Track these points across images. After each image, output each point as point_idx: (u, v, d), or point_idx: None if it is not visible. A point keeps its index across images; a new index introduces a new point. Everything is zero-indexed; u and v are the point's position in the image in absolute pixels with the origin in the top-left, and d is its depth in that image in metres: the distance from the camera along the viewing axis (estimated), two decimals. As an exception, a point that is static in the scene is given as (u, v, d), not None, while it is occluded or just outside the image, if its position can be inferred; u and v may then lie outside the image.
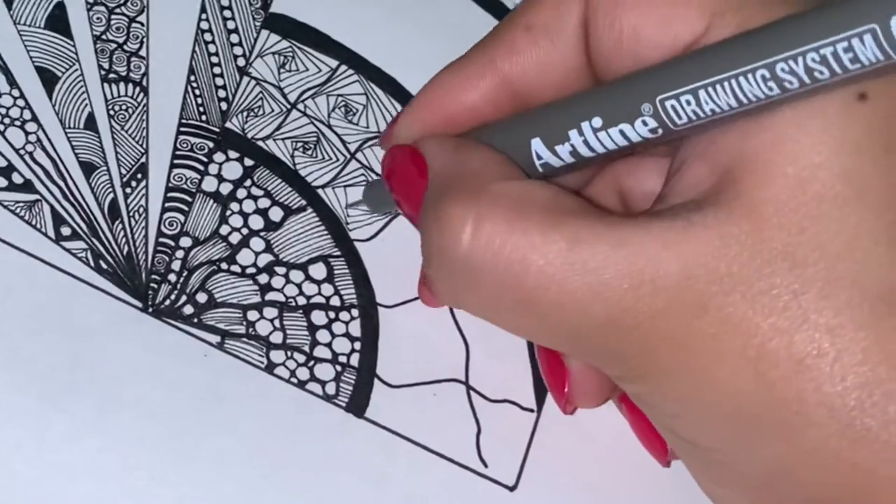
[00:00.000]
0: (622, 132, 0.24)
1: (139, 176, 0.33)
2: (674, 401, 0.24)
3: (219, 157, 0.33)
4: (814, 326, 0.22)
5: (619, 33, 0.25)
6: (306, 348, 0.32)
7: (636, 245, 0.23)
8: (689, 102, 0.23)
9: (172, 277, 0.32)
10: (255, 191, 0.33)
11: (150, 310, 0.31)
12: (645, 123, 0.24)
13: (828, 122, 0.22)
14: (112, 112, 0.33)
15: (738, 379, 0.22)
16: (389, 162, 0.29)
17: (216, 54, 0.34)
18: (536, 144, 0.26)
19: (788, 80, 0.21)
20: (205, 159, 0.33)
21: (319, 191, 0.34)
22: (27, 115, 0.32)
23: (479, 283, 0.24)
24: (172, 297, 0.32)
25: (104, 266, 0.31)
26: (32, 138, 0.32)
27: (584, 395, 0.29)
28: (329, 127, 0.34)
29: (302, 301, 0.32)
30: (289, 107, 0.34)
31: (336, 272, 0.33)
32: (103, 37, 0.34)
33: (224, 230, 0.33)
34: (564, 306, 0.23)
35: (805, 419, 0.22)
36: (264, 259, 0.33)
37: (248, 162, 0.33)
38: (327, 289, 0.33)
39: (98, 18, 0.34)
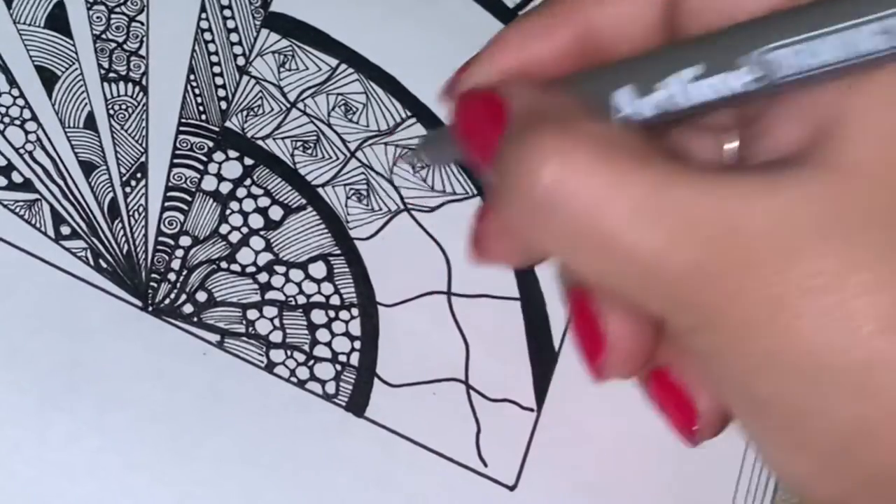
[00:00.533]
0: (724, 81, 0.23)
1: (139, 175, 0.33)
2: (755, 355, 0.23)
3: (218, 156, 0.33)
4: None
5: None
6: (306, 347, 0.32)
7: (722, 195, 0.22)
8: (798, 53, 0.22)
9: (172, 276, 0.32)
10: (255, 190, 0.33)
11: (150, 309, 0.31)
12: (750, 72, 0.23)
13: None
14: (112, 111, 0.33)
15: (828, 332, 0.22)
16: (464, 104, 0.28)
17: (216, 53, 0.34)
18: (622, 94, 0.25)
19: None
20: (204, 158, 0.33)
21: (319, 189, 0.34)
22: (27, 114, 0.32)
23: (560, 218, 0.23)
24: (172, 295, 0.32)
25: (104, 265, 0.31)
26: (32, 137, 0.32)
27: (617, 365, 0.29)
28: (329, 126, 0.34)
29: (302, 300, 0.32)
30: (288, 106, 0.34)
31: (336, 271, 0.33)
32: (103, 36, 0.34)
33: (224, 229, 0.33)
34: (650, 247, 0.22)
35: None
36: (264, 258, 0.33)
37: (248, 161, 0.33)
38: (327, 287, 0.33)
39: (98, 18, 0.34)
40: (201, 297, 0.32)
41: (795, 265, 0.22)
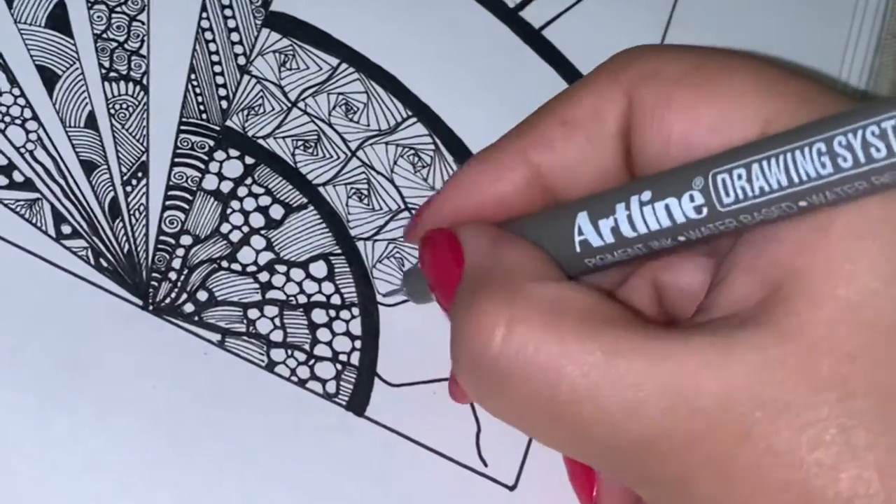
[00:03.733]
0: (667, 207, 0.23)
1: (140, 174, 0.33)
2: None
3: (219, 155, 0.33)
4: (863, 464, 0.20)
5: (668, 137, 0.24)
6: (307, 347, 0.32)
7: (676, 361, 0.21)
8: (739, 177, 0.22)
9: (173, 275, 0.32)
10: (256, 189, 0.33)
11: (151, 308, 0.31)
12: (692, 199, 0.23)
13: (885, 245, 0.21)
14: (112, 111, 0.33)
15: None
16: (426, 246, 0.28)
17: (217, 53, 0.34)
18: (581, 218, 0.25)
19: (843, 155, 0.20)
20: (205, 157, 0.33)
21: (320, 189, 0.34)
22: (28, 113, 0.32)
23: (509, 388, 0.23)
24: (173, 295, 0.32)
25: (105, 264, 0.31)
26: (33, 137, 0.32)
27: (612, 501, 0.28)
28: (330, 125, 0.34)
29: (302, 299, 0.32)
30: (289, 105, 0.34)
31: (337, 270, 0.33)
32: (104, 35, 0.34)
33: (225, 228, 0.33)
34: (599, 422, 0.22)
35: None
36: (265, 257, 0.33)
37: (249, 160, 0.33)
38: (328, 287, 0.33)
39: (99, 17, 0.34)
40: (202, 296, 0.32)
41: (747, 441, 0.21)
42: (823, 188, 0.21)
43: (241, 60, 0.34)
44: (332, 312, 0.33)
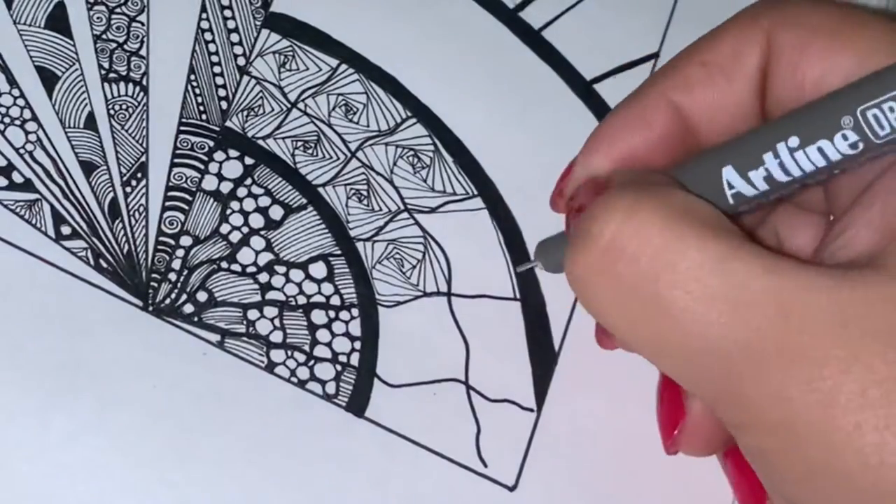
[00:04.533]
0: (821, 150, 0.23)
1: (139, 175, 0.33)
2: (803, 462, 0.21)
3: (219, 155, 0.33)
4: None
5: (802, 83, 0.25)
6: (306, 347, 0.32)
7: (791, 277, 0.21)
8: (892, 109, 0.22)
9: (172, 276, 0.32)
10: (256, 189, 0.33)
11: (151, 308, 0.31)
12: (845, 138, 0.23)
13: None
14: (112, 111, 0.33)
15: (884, 447, 0.20)
16: (576, 196, 0.28)
17: (216, 53, 0.34)
18: (728, 173, 0.25)
19: None
20: (205, 158, 0.33)
21: (320, 189, 0.34)
22: (27, 114, 0.32)
23: (618, 271, 0.23)
24: (172, 295, 0.32)
25: (104, 265, 0.31)
26: (32, 137, 0.32)
27: (693, 442, 0.27)
28: (329, 126, 0.34)
29: (302, 300, 0.32)
30: (289, 106, 0.34)
31: (336, 271, 0.33)
32: (103, 36, 0.34)
33: (224, 229, 0.33)
34: (702, 314, 0.22)
35: None
36: (264, 258, 0.33)
37: (249, 160, 0.33)
38: (327, 288, 0.33)
39: (98, 18, 0.34)
40: (202, 297, 0.32)
41: (854, 367, 0.20)
42: None
43: (241, 61, 0.34)
44: (332, 313, 0.32)
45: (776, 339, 0.21)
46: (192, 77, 0.34)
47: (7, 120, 0.32)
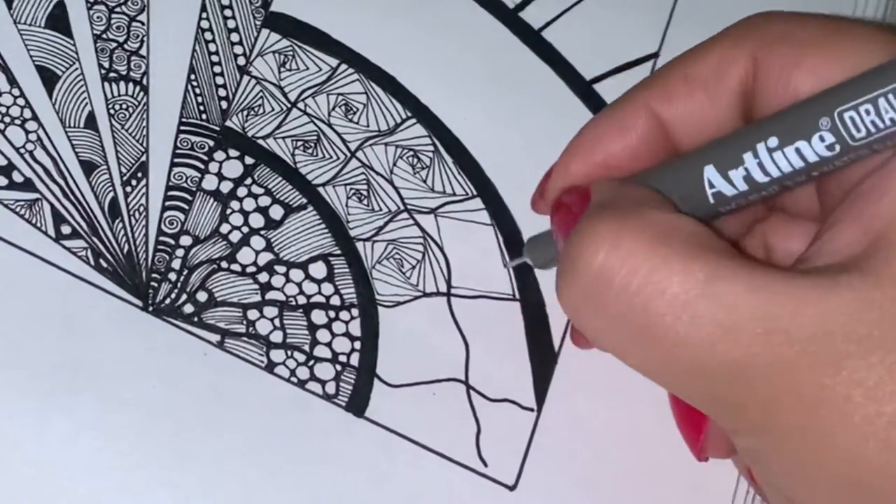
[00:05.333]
0: (798, 150, 0.24)
1: (139, 175, 0.33)
2: (791, 462, 0.23)
3: (219, 155, 0.33)
4: None
5: (795, 95, 0.25)
6: (306, 347, 0.32)
7: (775, 292, 0.22)
8: (868, 112, 0.22)
9: (173, 276, 0.32)
10: (256, 189, 0.33)
11: (151, 308, 0.31)
12: (822, 139, 0.23)
13: None
14: (112, 111, 0.33)
15: (865, 447, 0.21)
16: (559, 209, 0.29)
17: (216, 53, 0.34)
18: (709, 171, 0.25)
19: None
20: (205, 158, 0.33)
21: (320, 189, 0.34)
22: (27, 113, 0.32)
23: (606, 300, 0.24)
24: (173, 295, 0.32)
25: (104, 265, 0.31)
26: (33, 137, 0.32)
27: (719, 446, 0.28)
28: (329, 126, 0.34)
29: (302, 300, 0.32)
30: (289, 105, 0.34)
31: (336, 271, 0.33)
32: (104, 36, 0.34)
33: (224, 229, 0.33)
34: (691, 339, 0.22)
35: None
36: (264, 258, 0.33)
37: (249, 160, 0.33)
38: (327, 288, 0.33)
39: (98, 17, 0.34)
40: (202, 297, 0.32)
41: (838, 373, 0.21)
42: None
43: (241, 61, 0.34)
44: (332, 313, 0.33)
45: (763, 355, 0.22)
46: (192, 77, 0.34)
47: (7, 119, 0.32)
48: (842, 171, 0.24)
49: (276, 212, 0.33)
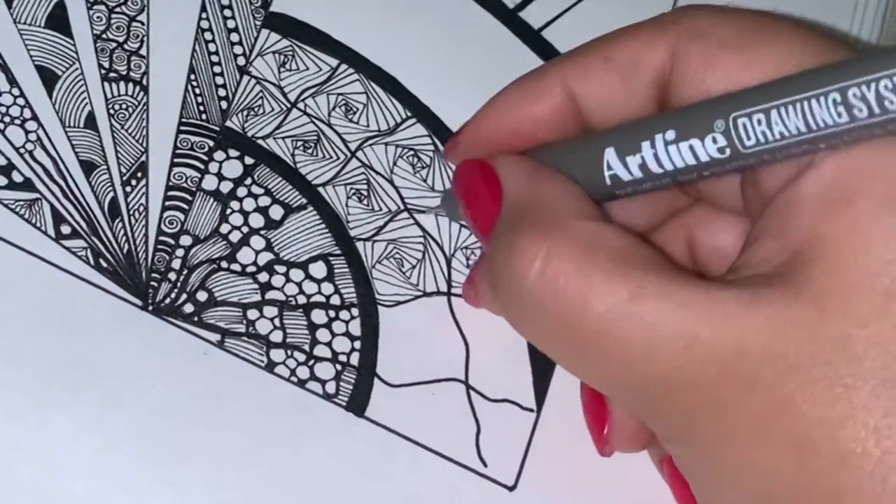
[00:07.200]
0: (692, 148, 0.24)
1: (139, 174, 0.33)
2: (711, 471, 0.24)
3: (219, 155, 0.33)
4: (861, 424, 0.21)
5: (707, 96, 0.25)
6: (306, 347, 0.32)
7: (699, 308, 0.22)
8: (759, 122, 0.23)
9: (172, 276, 0.32)
10: (256, 189, 0.33)
11: (151, 308, 0.31)
12: (715, 141, 0.24)
13: None
14: (112, 111, 0.33)
15: (779, 463, 0.22)
16: (462, 177, 0.29)
17: (216, 53, 0.34)
18: (609, 154, 0.26)
19: (858, 107, 0.21)
20: (205, 158, 0.33)
21: (320, 189, 0.34)
22: (27, 113, 0.32)
23: (540, 316, 0.24)
24: (172, 295, 0.32)
25: (104, 264, 0.31)
26: (32, 137, 0.32)
27: (622, 440, 0.29)
28: (329, 126, 0.34)
29: (302, 300, 0.32)
30: (289, 106, 0.34)
31: (336, 271, 0.33)
32: (103, 36, 0.34)
33: (224, 229, 0.33)
34: (619, 355, 0.23)
35: None
36: (264, 258, 0.33)
37: (249, 160, 0.33)
38: (327, 287, 0.33)
39: (98, 17, 0.34)
40: (202, 296, 0.32)
41: (754, 390, 0.22)
42: (841, 134, 0.22)
43: (241, 61, 0.34)
44: (332, 313, 0.32)
45: (686, 370, 0.22)
46: (192, 77, 0.34)
47: (7, 119, 0.32)
48: (761, 172, 0.25)
49: (276, 212, 0.33)
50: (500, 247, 0.26)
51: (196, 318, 0.31)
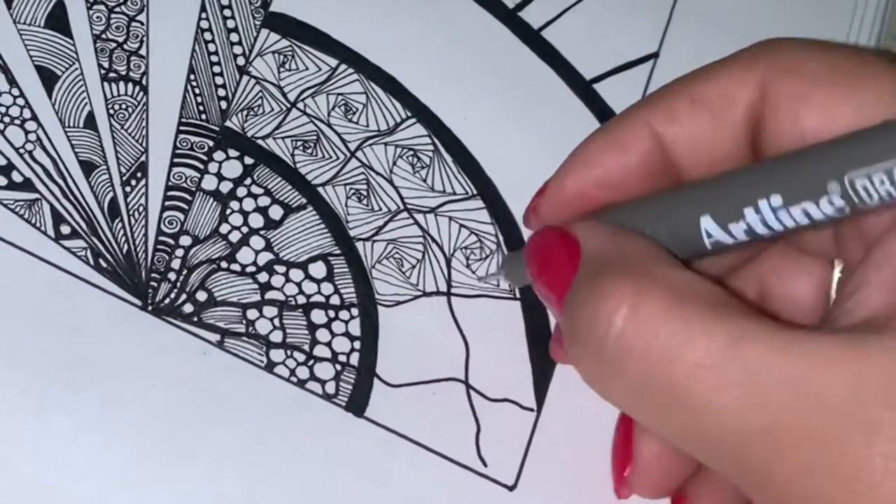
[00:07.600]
0: (805, 211, 0.23)
1: (139, 175, 0.33)
2: None
3: (219, 155, 0.33)
4: None
5: (802, 132, 0.24)
6: (306, 347, 0.32)
7: (805, 354, 0.21)
8: (882, 182, 0.21)
9: (172, 276, 0.32)
10: (255, 189, 0.33)
11: (150, 308, 0.31)
12: (831, 203, 0.22)
13: None
14: (112, 111, 0.33)
15: None
16: (537, 243, 0.28)
17: (216, 53, 0.34)
18: (706, 222, 0.24)
19: None
20: (204, 158, 0.33)
21: (319, 189, 0.34)
22: (27, 113, 0.32)
23: (627, 367, 0.23)
24: (172, 295, 0.32)
25: (104, 265, 0.31)
26: (32, 137, 0.32)
27: (643, 486, 0.28)
28: (329, 126, 0.34)
29: (301, 300, 0.32)
30: (288, 106, 0.34)
31: (336, 271, 0.33)
32: (103, 36, 0.34)
33: (224, 229, 0.33)
34: (717, 405, 0.21)
35: None
36: (264, 258, 0.33)
37: (248, 160, 0.33)
38: (327, 287, 0.33)
39: (98, 17, 0.34)
40: (201, 296, 0.32)
41: (875, 439, 0.20)
42: None
43: (241, 61, 0.34)
44: (332, 313, 0.32)
45: (795, 421, 0.21)
46: (192, 77, 0.34)
47: (7, 119, 0.32)
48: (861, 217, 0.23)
49: (276, 212, 0.33)
50: (580, 297, 0.24)
51: (196, 318, 0.31)
